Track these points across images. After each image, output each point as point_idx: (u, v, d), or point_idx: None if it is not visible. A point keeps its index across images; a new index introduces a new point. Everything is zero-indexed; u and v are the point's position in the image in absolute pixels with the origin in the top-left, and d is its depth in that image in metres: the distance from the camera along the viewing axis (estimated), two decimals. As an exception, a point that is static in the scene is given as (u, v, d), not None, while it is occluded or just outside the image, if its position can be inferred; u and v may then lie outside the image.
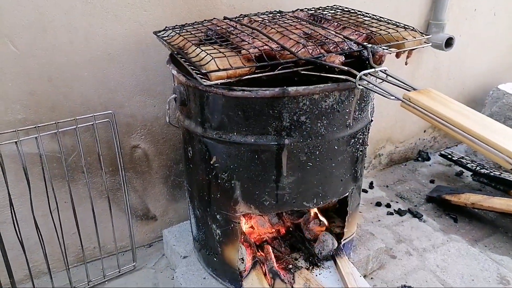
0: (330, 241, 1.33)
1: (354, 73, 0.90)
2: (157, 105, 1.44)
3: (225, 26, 1.18)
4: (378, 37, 1.09)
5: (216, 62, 0.91)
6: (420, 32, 1.16)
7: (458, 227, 1.79)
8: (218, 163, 1.09)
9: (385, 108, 2.03)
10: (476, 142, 0.55)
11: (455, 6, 1.97)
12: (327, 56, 0.96)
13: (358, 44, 1.03)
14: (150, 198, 1.58)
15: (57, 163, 1.34)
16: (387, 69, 0.91)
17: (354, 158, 1.15)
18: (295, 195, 1.10)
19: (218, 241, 1.22)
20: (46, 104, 1.26)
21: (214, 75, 0.91)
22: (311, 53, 0.97)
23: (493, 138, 0.54)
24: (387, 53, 1.02)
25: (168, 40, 1.14)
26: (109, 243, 1.54)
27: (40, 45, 1.19)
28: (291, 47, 1.00)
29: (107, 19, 1.24)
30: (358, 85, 0.88)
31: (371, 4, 1.73)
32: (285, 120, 0.99)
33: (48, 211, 1.30)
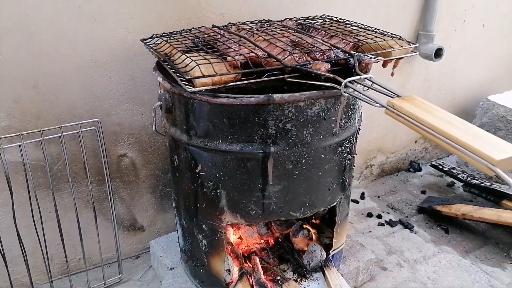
0: (318, 252, 1.31)
1: (340, 80, 0.89)
2: (145, 113, 1.42)
3: (213, 34, 1.18)
4: (365, 46, 1.09)
5: (201, 69, 0.91)
6: (407, 41, 1.16)
7: (449, 238, 1.77)
8: (203, 171, 1.07)
9: (376, 119, 2.03)
10: (459, 148, 0.54)
11: (445, 17, 1.99)
12: (313, 64, 0.96)
13: (345, 52, 1.02)
14: (137, 208, 1.56)
15: (41, 171, 1.31)
16: (373, 77, 0.90)
17: (342, 167, 1.14)
18: (281, 204, 1.09)
19: (204, 251, 1.20)
20: (31, 111, 1.24)
21: (199, 82, 0.90)
22: (297, 61, 0.97)
23: (476, 145, 0.53)
24: (373, 62, 1.02)
25: (155, 48, 1.14)
26: (94, 255, 1.51)
27: (25, 51, 1.17)
28: (277, 54, 1.00)
29: (95, 26, 1.23)
30: (343, 92, 0.88)
31: (361, 14, 1.74)
32: (271, 128, 0.97)
33: (31, 222, 1.27)
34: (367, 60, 0.98)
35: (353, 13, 1.71)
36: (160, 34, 1.24)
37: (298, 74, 0.96)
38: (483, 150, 0.51)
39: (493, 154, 0.50)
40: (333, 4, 1.66)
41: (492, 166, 0.45)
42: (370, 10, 1.76)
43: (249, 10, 1.47)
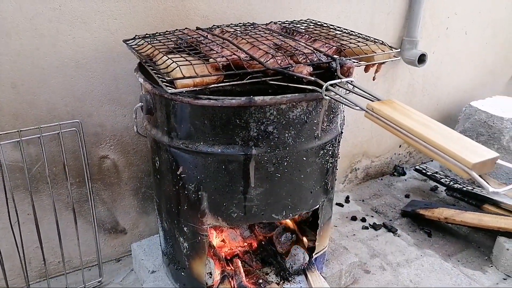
0: (301, 255, 1.30)
1: (321, 83, 0.89)
2: (127, 115, 1.41)
3: (196, 36, 1.18)
4: (348, 50, 1.10)
5: (182, 70, 0.90)
6: (389, 46, 1.17)
7: (432, 242, 1.79)
8: (185, 173, 1.06)
9: (361, 123, 2.05)
10: (436, 151, 0.55)
11: (428, 24, 2.02)
12: (295, 67, 0.96)
13: (327, 56, 1.03)
14: (119, 211, 1.54)
15: (19, 173, 1.29)
16: (354, 81, 0.91)
17: (324, 170, 1.14)
18: (263, 207, 1.08)
19: (186, 254, 1.18)
20: (8, 111, 1.22)
21: (180, 83, 0.89)
22: (279, 64, 0.97)
23: (452, 148, 0.54)
24: (355, 66, 1.02)
25: (137, 49, 1.13)
26: (74, 257, 1.48)
27: (4, 50, 1.15)
28: (260, 57, 0.99)
29: (76, 26, 1.22)
30: (324, 95, 0.88)
31: (345, 20, 1.75)
32: (252, 130, 0.97)
33: (8, 224, 1.24)
34: (349, 64, 0.99)
35: (337, 19, 1.73)
36: (143, 35, 1.23)
37: (281, 77, 0.96)
38: (459, 153, 0.51)
39: (469, 158, 0.50)
40: (317, 10, 1.66)
41: (467, 169, 0.45)
42: (354, 16, 1.78)
43: (234, 13, 1.47)
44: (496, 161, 0.47)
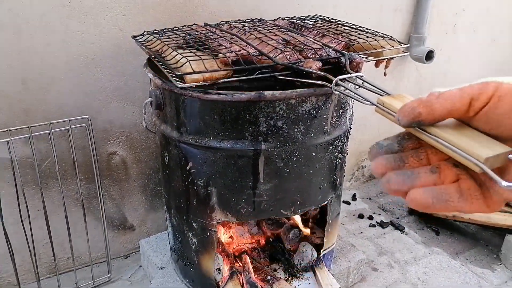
0: (309, 251, 1.30)
1: (331, 78, 0.89)
2: (136, 111, 1.41)
3: (205, 31, 1.18)
4: (357, 45, 1.10)
5: (192, 65, 0.90)
6: (399, 41, 1.17)
7: (439, 240, 1.78)
8: (194, 169, 1.06)
9: (368, 120, 2.04)
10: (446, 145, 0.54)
11: (436, 20, 2.01)
12: (304, 62, 0.96)
13: (336, 51, 1.02)
14: (127, 207, 1.54)
15: (30, 169, 1.29)
16: (364, 75, 0.90)
17: (333, 166, 1.14)
18: (272, 203, 1.08)
19: (195, 250, 1.19)
20: (19, 107, 1.22)
21: (190, 78, 0.89)
22: (288, 59, 0.97)
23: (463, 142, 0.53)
24: (364, 61, 1.02)
25: (146, 44, 1.13)
26: (83, 254, 1.49)
27: (14, 46, 1.16)
28: (269, 52, 0.99)
29: (85, 23, 1.22)
30: (334, 90, 0.87)
31: (353, 16, 1.74)
32: (262, 125, 0.97)
33: (19, 219, 1.25)
34: (358, 59, 0.98)
35: (344, 16, 1.72)
36: (151, 31, 1.24)
37: (290, 72, 0.96)
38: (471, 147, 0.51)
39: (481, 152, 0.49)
40: (325, 5, 1.66)
41: (480, 163, 0.44)
42: (362, 13, 1.77)
43: (241, 9, 1.47)
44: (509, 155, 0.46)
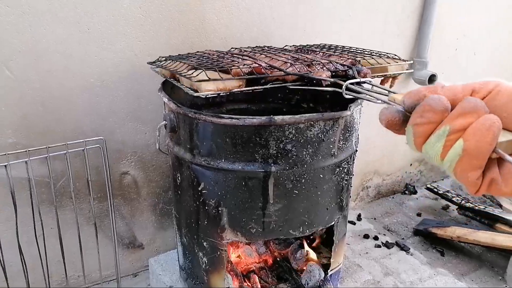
0: (316, 271, 1.32)
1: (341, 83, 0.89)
2: (148, 133, 1.46)
3: (217, 54, 1.23)
4: (363, 61, 1.13)
5: (207, 74, 0.94)
6: (402, 59, 1.22)
7: (445, 261, 1.79)
8: (205, 189, 1.10)
9: (372, 142, 2.08)
10: None
11: (437, 45, 2.07)
12: (314, 72, 0.99)
13: (344, 65, 1.07)
14: (137, 226, 1.57)
15: (45, 188, 1.34)
16: (372, 81, 0.91)
17: (340, 187, 1.17)
18: (281, 223, 1.11)
19: (205, 269, 1.21)
20: (37, 128, 1.27)
21: (204, 87, 0.93)
22: (299, 71, 1.00)
23: None
24: (370, 76, 1.04)
25: (163, 65, 1.17)
26: (93, 272, 1.51)
27: (35, 70, 1.22)
28: (280, 66, 1.03)
29: (102, 48, 1.28)
30: (345, 94, 0.88)
31: (357, 41, 1.81)
32: (272, 148, 1.01)
33: (33, 237, 1.28)
34: (365, 70, 1.01)
35: (349, 40, 1.78)
36: (165, 57, 1.29)
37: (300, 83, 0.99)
38: None
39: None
40: (330, 32, 1.72)
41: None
42: (366, 38, 1.84)
43: (250, 35, 1.53)
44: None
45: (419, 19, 1.96)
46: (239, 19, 1.49)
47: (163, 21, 1.35)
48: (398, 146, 2.22)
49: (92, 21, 1.25)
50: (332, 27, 1.72)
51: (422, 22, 1.94)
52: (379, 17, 1.84)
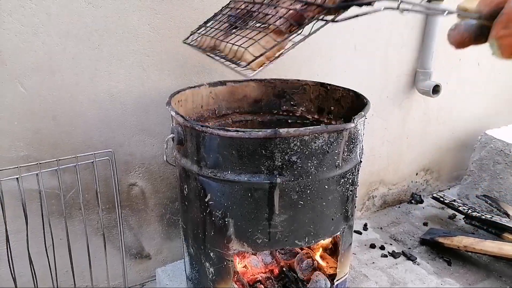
0: (323, 281, 1.33)
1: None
2: (156, 145, 1.49)
3: (244, 6, 1.12)
4: None
5: (250, 51, 0.88)
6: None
7: (452, 271, 1.79)
8: (212, 200, 1.12)
9: (377, 151, 2.09)
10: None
11: (441, 56, 2.09)
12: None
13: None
14: (145, 236, 1.60)
15: (55, 199, 1.36)
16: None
17: (345, 198, 1.19)
18: (287, 233, 1.13)
19: (211, 279, 1.23)
20: (48, 141, 1.31)
21: (255, 64, 0.87)
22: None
23: None
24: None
25: (198, 45, 1.13)
26: (101, 282, 1.53)
27: (47, 86, 1.26)
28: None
29: (112, 63, 1.32)
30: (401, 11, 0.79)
31: (362, 51, 1.83)
32: (277, 160, 1.03)
33: (43, 248, 1.31)
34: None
35: (354, 51, 1.81)
36: (196, 28, 1.23)
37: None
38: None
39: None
40: (333, 43, 1.75)
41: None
42: (371, 49, 1.86)
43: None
44: None
45: (422, 31, 1.98)
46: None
47: (171, 36, 1.39)
48: (403, 155, 2.23)
49: (102, 38, 1.28)
50: (335, 39, 1.75)
51: (425, 34, 1.96)
52: (383, 28, 1.87)
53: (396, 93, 2.02)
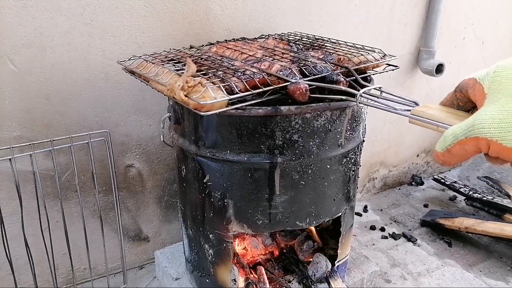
0: (323, 263, 1.32)
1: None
2: (153, 125, 1.45)
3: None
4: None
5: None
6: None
7: (452, 252, 1.78)
8: (211, 181, 1.09)
9: (379, 132, 2.06)
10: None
11: (445, 34, 2.03)
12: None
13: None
14: (143, 219, 1.57)
15: (50, 181, 1.33)
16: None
17: (347, 178, 1.16)
18: (288, 214, 1.10)
19: (211, 261, 1.21)
20: (42, 121, 1.27)
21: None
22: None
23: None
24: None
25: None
26: (99, 264, 1.52)
27: (39, 63, 1.21)
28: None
29: (106, 40, 1.27)
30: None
31: (363, 31, 1.78)
32: (278, 139, 1.00)
33: (39, 231, 1.28)
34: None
35: (356, 30, 1.76)
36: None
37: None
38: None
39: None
40: (336, 21, 1.70)
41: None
42: (372, 27, 1.81)
43: (255, 26, 1.51)
44: None
45: (426, 7, 1.92)
46: (243, 10, 1.47)
47: (167, 12, 1.34)
48: (405, 137, 2.20)
49: (95, 12, 1.23)
50: (337, 17, 1.70)
51: (430, 11, 1.91)
52: (386, 6, 1.81)
53: (398, 72, 1.98)
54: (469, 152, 0.48)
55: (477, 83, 0.52)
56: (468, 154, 0.48)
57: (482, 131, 0.45)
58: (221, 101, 0.86)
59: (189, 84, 0.87)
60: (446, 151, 0.50)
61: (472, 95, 0.54)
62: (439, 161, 0.52)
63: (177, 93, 0.87)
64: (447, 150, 0.50)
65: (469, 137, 0.47)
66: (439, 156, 0.51)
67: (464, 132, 0.47)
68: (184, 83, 0.87)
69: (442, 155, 0.51)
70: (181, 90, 0.87)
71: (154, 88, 1.02)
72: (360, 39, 1.78)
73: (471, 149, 0.47)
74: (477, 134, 0.46)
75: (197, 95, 0.85)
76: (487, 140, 0.45)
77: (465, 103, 0.57)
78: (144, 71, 1.07)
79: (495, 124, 0.44)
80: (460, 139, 0.48)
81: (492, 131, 0.44)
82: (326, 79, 0.98)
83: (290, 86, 0.93)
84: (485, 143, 0.45)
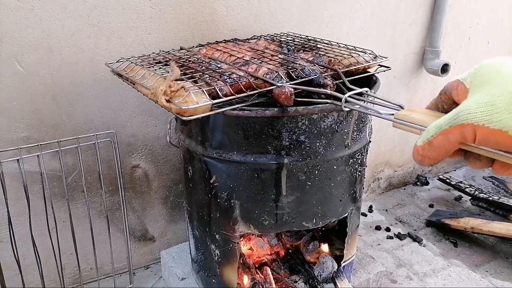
0: (330, 263, 1.32)
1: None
2: (159, 126, 1.45)
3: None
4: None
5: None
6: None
7: (458, 252, 1.77)
8: (218, 182, 1.09)
9: (384, 132, 2.06)
10: None
11: (450, 34, 2.03)
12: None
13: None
14: (149, 219, 1.58)
15: (57, 181, 1.34)
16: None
17: (353, 179, 1.16)
18: (294, 215, 1.10)
19: (217, 261, 1.21)
20: (49, 122, 1.28)
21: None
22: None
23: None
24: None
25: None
26: (106, 264, 1.52)
27: (46, 65, 1.22)
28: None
29: (112, 41, 1.28)
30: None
31: (368, 31, 1.78)
32: (285, 140, 1.00)
33: (46, 231, 1.29)
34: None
35: (360, 30, 1.76)
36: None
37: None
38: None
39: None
40: (341, 22, 1.70)
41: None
42: (377, 28, 1.80)
43: (260, 27, 1.51)
44: None
45: (432, 7, 1.92)
46: (249, 11, 1.47)
47: (173, 13, 1.34)
48: (410, 137, 2.19)
49: (102, 14, 1.24)
50: (342, 17, 1.70)
51: (435, 11, 1.90)
52: (391, 6, 1.81)
53: (403, 72, 1.97)
54: (451, 143, 0.45)
55: (460, 83, 0.50)
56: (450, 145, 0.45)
57: (468, 116, 0.43)
58: (204, 105, 0.85)
59: (172, 89, 0.86)
60: (427, 143, 0.46)
61: (455, 96, 0.51)
62: (419, 156, 0.48)
63: (160, 97, 0.85)
64: (428, 142, 0.46)
65: (454, 125, 0.44)
66: (419, 150, 0.48)
67: (448, 122, 0.45)
68: (167, 87, 0.85)
69: (421, 148, 0.47)
70: (164, 95, 0.85)
71: (140, 92, 1.00)
72: (364, 39, 1.78)
73: (455, 139, 0.44)
74: (462, 121, 0.43)
75: (179, 99, 0.85)
76: (473, 126, 0.42)
77: (449, 106, 0.54)
78: (131, 73, 1.05)
79: (481, 108, 0.42)
80: (444, 128, 0.45)
81: (479, 115, 0.42)
82: (314, 82, 0.97)
83: (275, 90, 0.92)
84: (471, 129, 0.43)
